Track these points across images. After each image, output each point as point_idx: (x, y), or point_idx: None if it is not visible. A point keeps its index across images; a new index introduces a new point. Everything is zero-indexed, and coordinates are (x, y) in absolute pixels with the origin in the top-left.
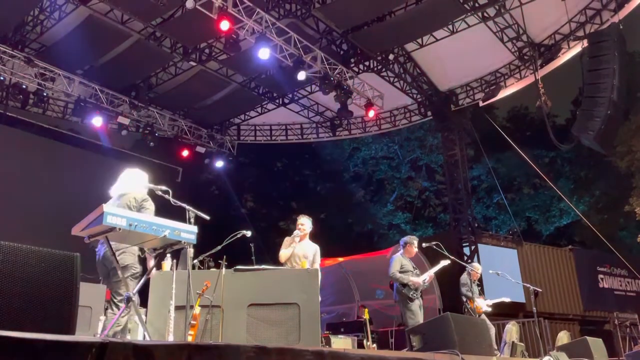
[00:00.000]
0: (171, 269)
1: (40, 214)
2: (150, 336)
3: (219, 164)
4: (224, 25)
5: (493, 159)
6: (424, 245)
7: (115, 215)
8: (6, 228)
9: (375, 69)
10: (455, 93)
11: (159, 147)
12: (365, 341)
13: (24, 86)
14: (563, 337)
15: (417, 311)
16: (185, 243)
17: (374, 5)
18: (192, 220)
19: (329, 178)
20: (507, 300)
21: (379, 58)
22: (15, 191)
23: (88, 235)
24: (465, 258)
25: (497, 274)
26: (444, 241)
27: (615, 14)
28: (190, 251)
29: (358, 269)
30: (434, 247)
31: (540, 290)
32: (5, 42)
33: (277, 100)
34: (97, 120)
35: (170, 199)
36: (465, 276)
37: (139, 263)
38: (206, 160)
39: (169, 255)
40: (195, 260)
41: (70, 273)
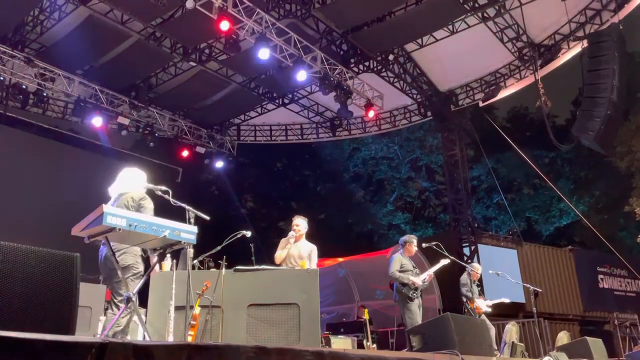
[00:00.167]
0: (171, 269)
1: (40, 214)
2: (150, 336)
3: (219, 164)
4: (224, 25)
5: (493, 159)
6: (423, 245)
7: (115, 216)
8: (6, 228)
9: (375, 69)
10: (455, 93)
11: (159, 148)
12: (365, 341)
13: (23, 86)
14: (563, 338)
15: (416, 311)
16: (185, 243)
17: (373, 5)
18: (192, 220)
19: (328, 178)
20: (507, 300)
21: (379, 58)
22: (15, 191)
23: (88, 236)
24: (465, 258)
25: (497, 274)
26: (444, 241)
27: (615, 15)
28: (190, 251)
29: (358, 269)
30: (434, 247)
31: (540, 290)
32: (5, 42)
33: (277, 101)
34: (97, 121)
35: (170, 199)
36: (465, 276)
37: (142, 263)
38: (206, 161)
39: (168, 255)
40: (195, 261)
41: (70, 273)
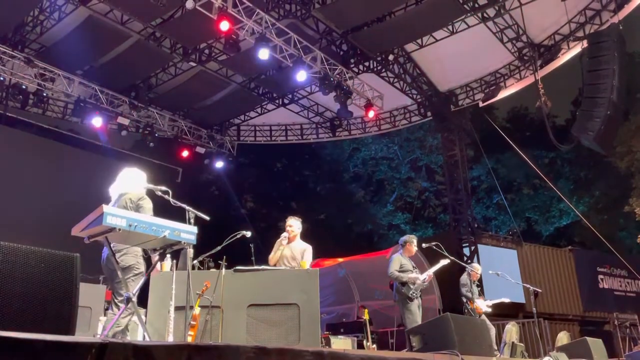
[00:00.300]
0: (171, 269)
1: (40, 214)
2: (150, 337)
3: (219, 164)
4: (224, 25)
5: (493, 159)
6: (423, 245)
7: (115, 216)
8: (6, 228)
9: (375, 69)
10: (455, 93)
11: (159, 148)
12: (365, 342)
13: (23, 86)
14: (563, 338)
15: (416, 311)
16: (185, 243)
17: (373, 5)
18: (192, 220)
19: (328, 178)
20: (507, 300)
21: (379, 58)
22: (15, 191)
23: (88, 236)
24: (465, 258)
25: (497, 275)
26: (444, 242)
27: (615, 15)
28: (190, 251)
29: (358, 270)
30: (434, 248)
31: (540, 290)
32: (5, 43)
33: (277, 101)
34: (97, 121)
35: (170, 199)
36: (465, 277)
37: (144, 263)
38: (206, 161)
39: (168, 255)
40: (195, 261)
41: (70, 273)
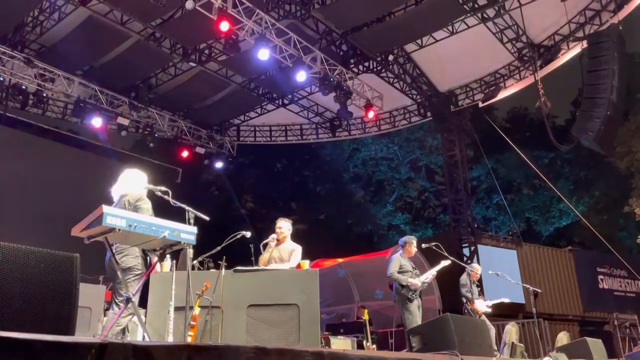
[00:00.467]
0: (171, 269)
1: (40, 214)
2: (149, 337)
3: (219, 164)
4: (224, 26)
5: (493, 159)
6: (423, 246)
7: (115, 216)
8: (6, 228)
9: (375, 69)
10: (455, 94)
11: (159, 148)
12: (365, 342)
13: (23, 87)
14: (563, 338)
15: (416, 312)
16: (184, 244)
17: (373, 6)
18: (192, 221)
19: (328, 179)
20: (507, 301)
21: (379, 59)
22: (15, 192)
23: (88, 236)
24: (464, 259)
25: (497, 275)
26: (444, 242)
27: (615, 15)
28: (190, 252)
29: (358, 270)
30: (434, 248)
31: (540, 291)
32: (5, 43)
33: (277, 101)
34: (97, 121)
35: (170, 199)
36: (464, 277)
37: (144, 264)
38: (206, 161)
39: (168, 256)
40: (194, 261)
41: (70, 274)
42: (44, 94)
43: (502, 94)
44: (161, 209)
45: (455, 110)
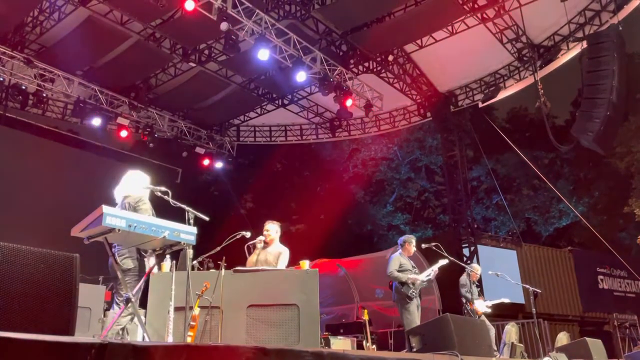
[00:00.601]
0: (170, 270)
1: (40, 214)
2: (149, 337)
3: (219, 165)
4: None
5: (492, 159)
6: (423, 246)
7: (115, 216)
8: (6, 228)
9: (375, 70)
10: (455, 94)
11: (159, 148)
12: (364, 342)
13: (23, 87)
14: (562, 338)
15: (415, 311)
16: (184, 244)
17: (373, 6)
18: (192, 221)
19: (328, 179)
20: (507, 301)
21: (379, 59)
22: (15, 192)
23: (87, 236)
24: (464, 259)
25: (497, 275)
26: (444, 242)
27: (615, 15)
28: (190, 252)
29: (357, 270)
30: (434, 248)
31: (540, 291)
32: (4, 43)
33: (277, 101)
34: (97, 121)
35: (170, 199)
36: (464, 277)
37: (144, 265)
38: (206, 161)
39: (168, 256)
40: (194, 261)
41: (70, 274)
42: (44, 94)
43: (502, 94)
44: (161, 209)
45: (455, 110)
